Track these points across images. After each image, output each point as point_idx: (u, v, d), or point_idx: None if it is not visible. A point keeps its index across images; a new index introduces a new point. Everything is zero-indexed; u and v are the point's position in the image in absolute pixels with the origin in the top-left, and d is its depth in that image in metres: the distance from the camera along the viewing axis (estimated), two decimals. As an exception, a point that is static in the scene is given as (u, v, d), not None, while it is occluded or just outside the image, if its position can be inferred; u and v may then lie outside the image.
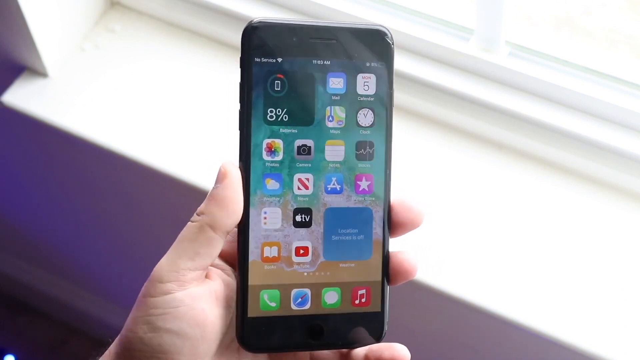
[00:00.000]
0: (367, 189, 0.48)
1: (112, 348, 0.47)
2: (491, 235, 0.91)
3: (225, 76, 1.03)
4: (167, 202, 1.12)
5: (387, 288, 0.49)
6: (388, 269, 0.49)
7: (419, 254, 0.50)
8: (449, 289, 0.88)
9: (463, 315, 0.95)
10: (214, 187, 0.45)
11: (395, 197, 0.49)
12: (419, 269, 0.49)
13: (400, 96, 0.99)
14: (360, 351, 0.48)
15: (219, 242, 0.46)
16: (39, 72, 1.04)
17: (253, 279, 0.46)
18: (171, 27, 1.07)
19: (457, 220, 0.92)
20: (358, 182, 0.48)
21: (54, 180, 1.31)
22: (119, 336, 0.46)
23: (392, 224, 0.49)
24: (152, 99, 1.02)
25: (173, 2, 1.06)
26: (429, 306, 0.99)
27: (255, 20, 0.46)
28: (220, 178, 0.45)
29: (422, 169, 0.95)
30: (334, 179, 0.47)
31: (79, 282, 1.57)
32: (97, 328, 1.59)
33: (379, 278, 0.48)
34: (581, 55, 0.91)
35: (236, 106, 0.47)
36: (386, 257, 0.48)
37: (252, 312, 0.46)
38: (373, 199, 0.48)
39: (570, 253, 0.89)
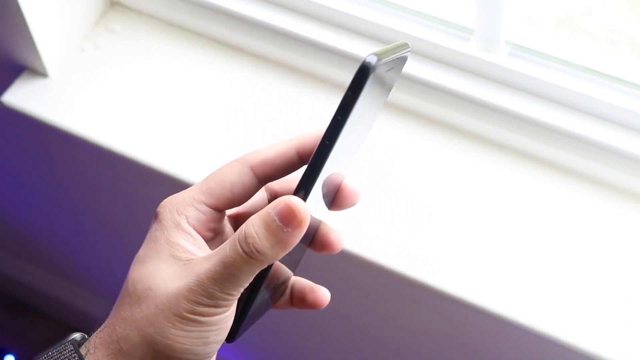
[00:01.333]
0: (332, 184, 0.50)
1: (128, 348, 0.46)
2: (491, 235, 0.91)
3: (225, 76, 1.03)
4: (167, 202, 1.11)
5: None
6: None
7: (344, 236, 0.52)
8: (449, 289, 0.88)
9: (463, 315, 0.95)
10: (284, 229, 0.44)
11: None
12: (340, 248, 0.52)
13: (400, 96, 0.99)
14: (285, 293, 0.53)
15: None
16: (39, 72, 1.04)
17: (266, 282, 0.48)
18: (171, 27, 1.07)
19: (457, 220, 0.92)
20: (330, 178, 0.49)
21: (54, 180, 1.31)
22: (139, 336, 0.46)
23: (333, 204, 0.51)
24: (152, 99, 1.02)
25: (173, 2, 1.06)
26: (429, 306, 0.99)
27: (375, 59, 0.44)
28: (296, 223, 0.44)
29: (422, 168, 0.95)
30: (327, 180, 0.48)
31: (79, 282, 1.57)
32: (97, 328, 1.59)
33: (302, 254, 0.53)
34: (581, 55, 0.91)
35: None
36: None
37: (251, 310, 0.48)
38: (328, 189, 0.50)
39: (570, 253, 0.89)
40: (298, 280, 0.52)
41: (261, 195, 0.53)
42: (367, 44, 0.98)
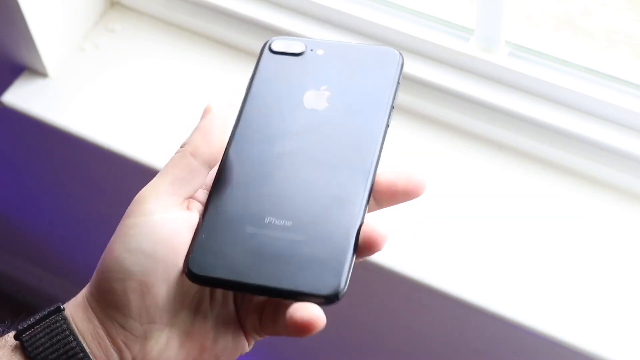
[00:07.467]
0: None
1: (88, 286, 0.47)
2: (491, 235, 0.91)
3: (225, 76, 1.03)
4: (167, 202, 1.11)
5: None
6: None
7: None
8: (449, 289, 0.88)
9: (463, 315, 0.95)
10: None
11: None
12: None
13: (400, 96, 0.98)
14: None
15: (200, 171, 0.46)
16: (39, 72, 1.04)
17: None
18: (171, 27, 1.07)
19: (457, 220, 0.92)
20: None
21: (54, 180, 1.31)
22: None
23: None
24: (152, 99, 1.02)
25: (173, 2, 1.06)
26: (429, 306, 0.99)
27: None
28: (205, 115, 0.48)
29: (422, 168, 0.95)
30: None
31: (79, 282, 1.57)
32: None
33: None
34: (581, 55, 0.91)
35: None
36: None
37: None
38: None
39: (570, 253, 0.89)
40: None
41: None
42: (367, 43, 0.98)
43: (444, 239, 0.91)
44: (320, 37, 0.99)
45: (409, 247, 0.90)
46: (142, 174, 1.02)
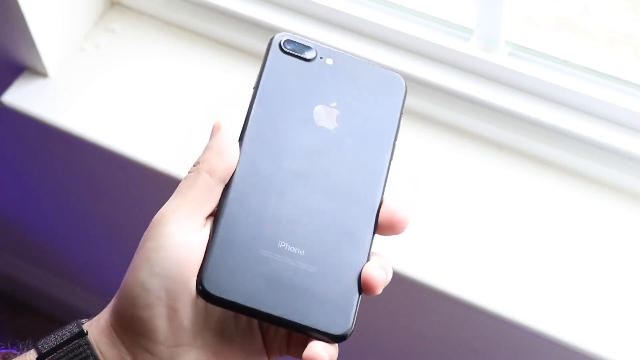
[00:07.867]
0: None
1: (109, 306, 0.47)
2: (491, 235, 0.91)
3: (225, 76, 1.03)
4: (167, 202, 1.11)
5: None
6: None
7: None
8: (449, 289, 0.88)
9: (463, 315, 0.95)
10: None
11: None
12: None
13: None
14: None
15: (217, 189, 0.46)
16: (39, 72, 1.04)
17: None
18: (171, 27, 1.07)
19: (457, 220, 0.92)
20: None
21: (54, 180, 1.31)
22: (117, 292, 0.46)
23: None
24: (152, 99, 1.02)
25: (173, 2, 1.06)
26: (429, 306, 0.99)
27: None
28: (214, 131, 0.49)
29: (422, 169, 0.95)
30: None
31: (79, 282, 1.57)
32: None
33: None
34: (581, 55, 0.91)
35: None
36: None
37: None
38: None
39: (570, 253, 0.89)
40: None
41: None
42: (367, 44, 0.98)
43: (443, 239, 0.91)
44: (320, 38, 0.99)
45: (408, 247, 0.91)
46: (142, 174, 1.02)
